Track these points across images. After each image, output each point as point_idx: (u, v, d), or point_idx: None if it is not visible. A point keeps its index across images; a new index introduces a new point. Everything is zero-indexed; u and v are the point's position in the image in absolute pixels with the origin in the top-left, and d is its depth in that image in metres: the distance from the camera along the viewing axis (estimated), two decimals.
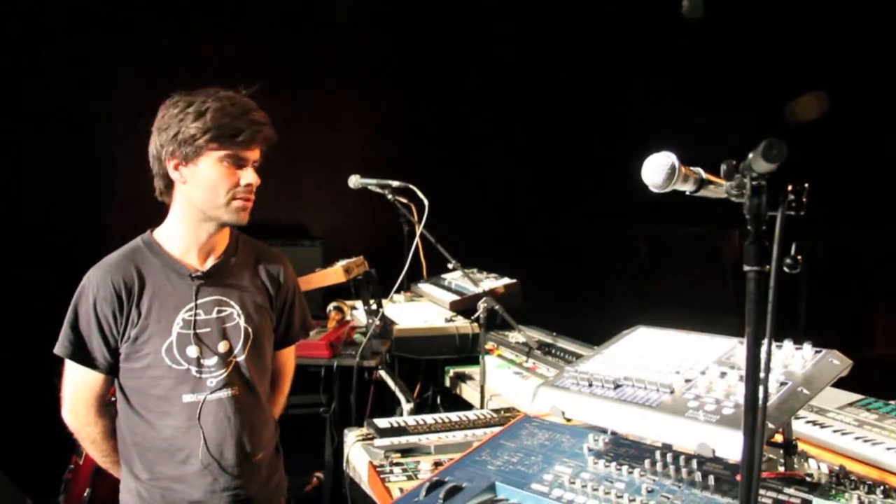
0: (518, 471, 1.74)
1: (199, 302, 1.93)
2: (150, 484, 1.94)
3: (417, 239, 3.17)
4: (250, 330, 1.99)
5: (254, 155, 1.92)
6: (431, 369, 3.94)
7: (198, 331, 1.92)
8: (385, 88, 5.70)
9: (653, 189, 1.32)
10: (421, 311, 4.19)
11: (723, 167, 1.23)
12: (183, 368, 1.90)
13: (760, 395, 1.02)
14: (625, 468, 1.66)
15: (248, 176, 1.90)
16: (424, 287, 4.41)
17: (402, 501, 1.68)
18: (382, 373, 3.46)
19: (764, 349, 1.10)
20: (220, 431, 1.93)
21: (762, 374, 1.05)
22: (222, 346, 1.95)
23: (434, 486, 1.70)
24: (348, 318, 3.51)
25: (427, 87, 5.78)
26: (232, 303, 1.98)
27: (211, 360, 1.93)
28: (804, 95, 3.90)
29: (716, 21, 4.39)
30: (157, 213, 2.04)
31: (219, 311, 1.96)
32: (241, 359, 1.97)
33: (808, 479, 1.56)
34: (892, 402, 2.25)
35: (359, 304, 3.71)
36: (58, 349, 1.93)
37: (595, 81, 5.39)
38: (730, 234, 4.80)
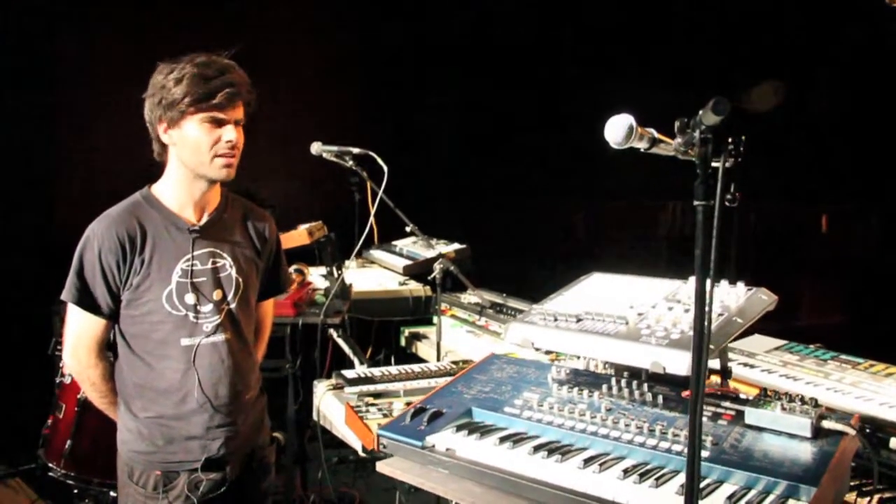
0: (491, 398, 1.95)
1: (195, 253, 2.07)
2: (150, 421, 2.07)
3: (377, 202, 3.29)
4: (241, 280, 2.15)
5: (233, 114, 2.03)
6: (384, 332, 4.11)
7: (194, 280, 2.06)
8: (341, 57, 5.75)
9: (613, 145, 1.51)
10: (374, 276, 4.35)
11: (676, 123, 1.45)
12: (181, 314, 2.04)
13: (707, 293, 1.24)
14: (585, 392, 1.89)
15: (229, 133, 2.02)
16: (376, 253, 4.57)
17: (391, 426, 1.87)
18: (333, 332, 3.58)
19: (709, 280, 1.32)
20: (214, 372, 2.07)
21: (708, 284, 1.27)
22: (216, 295, 2.09)
23: (417, 412, 1.89)
24: (308, 279, 3.64)
25: (383, 60, 5.85)
26: (225, 255, 2.13)
27: (206, 307, 2.07)
28: (761, 85, 4.15)
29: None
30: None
31: (213, 262, 2.10)
32: (233, 306, 2.13)
33: (739, 396, 1.82)
34: (811, 345, 2.55)
35: (314, 269, 3.84)
36: (64, 295, 2.04)
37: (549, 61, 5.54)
38: (665, 206, 5.09)
